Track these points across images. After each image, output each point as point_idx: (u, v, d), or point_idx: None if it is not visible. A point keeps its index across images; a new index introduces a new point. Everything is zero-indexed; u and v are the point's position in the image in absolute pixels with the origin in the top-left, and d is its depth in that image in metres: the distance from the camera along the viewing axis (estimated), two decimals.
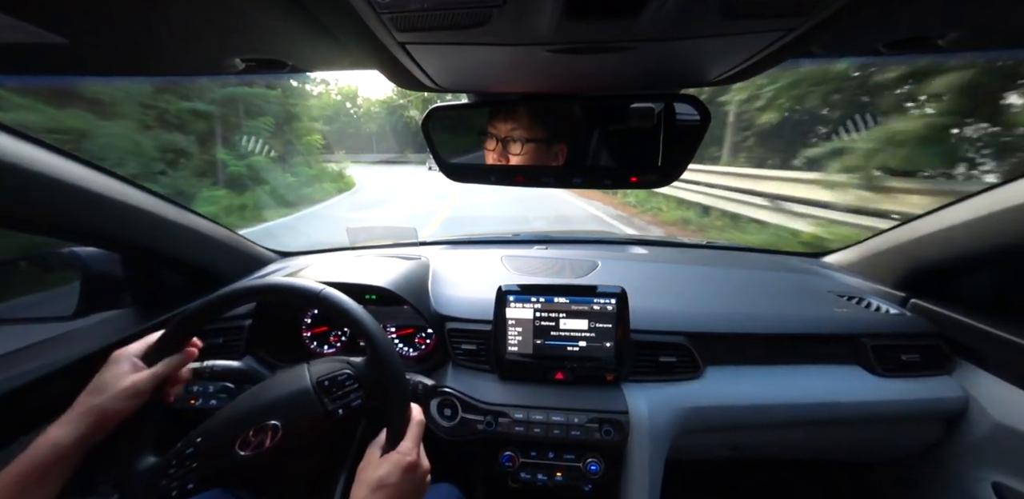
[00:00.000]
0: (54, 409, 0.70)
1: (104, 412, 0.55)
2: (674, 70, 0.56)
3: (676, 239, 1.72)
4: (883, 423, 1.00)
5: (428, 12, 0.36)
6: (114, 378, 0.57)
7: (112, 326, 0.97)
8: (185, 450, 0.61)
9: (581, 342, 0.95)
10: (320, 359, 0.73)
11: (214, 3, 0.38)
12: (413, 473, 0.58)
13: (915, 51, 0.51)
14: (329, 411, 0.65)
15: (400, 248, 1.48)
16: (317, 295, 0.66)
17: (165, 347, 0.63)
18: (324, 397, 0.66)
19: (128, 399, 0.56)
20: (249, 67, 0.57)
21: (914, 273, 1.09)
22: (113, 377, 0.57)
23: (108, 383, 0.56)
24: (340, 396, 0.66)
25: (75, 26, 0.41)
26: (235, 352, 1.05)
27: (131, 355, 0.60)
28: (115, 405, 0.55)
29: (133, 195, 0.85)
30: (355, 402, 0.66)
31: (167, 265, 1.05)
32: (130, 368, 0.58)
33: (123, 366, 0.58)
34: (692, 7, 0.36)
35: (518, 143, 0.67)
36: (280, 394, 0.67)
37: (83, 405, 0.55)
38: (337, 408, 0.65)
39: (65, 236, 0.82)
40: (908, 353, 0.99)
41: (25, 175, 0.66)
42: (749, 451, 1.10)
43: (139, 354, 0.61)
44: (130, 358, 0.59)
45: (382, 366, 0.64)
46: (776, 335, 1.01)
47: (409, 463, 0.58)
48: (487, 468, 0.93)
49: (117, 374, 0.57)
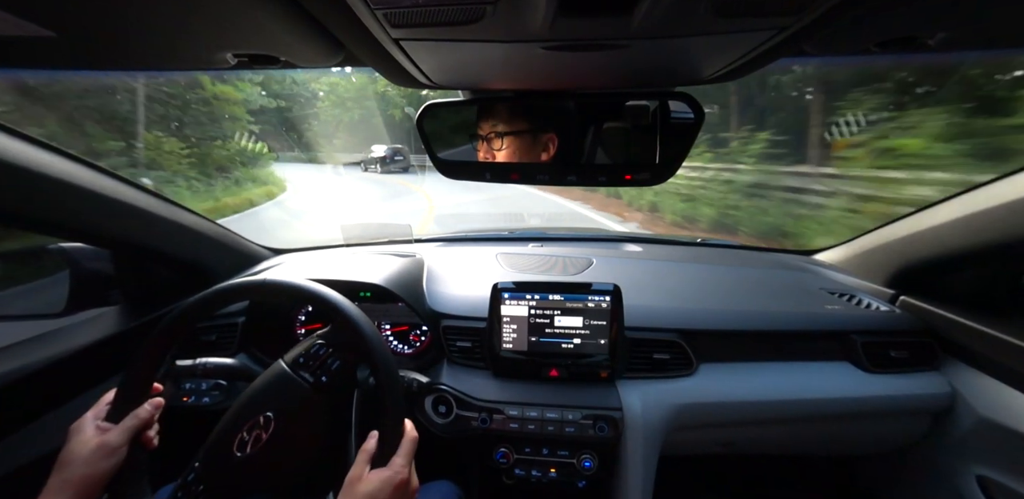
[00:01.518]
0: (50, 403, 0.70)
1: (81, 482, 0.53)
2: (667, 68, 0.56)
3: (670, 237, 1.73)
4: (871, 418, 1.01)
5: (422, 8, 0.36)
6: (81, 446, 0.55)
7: (103, 323, 0.95)
8: (187, 477, 0.61)
9: (575, 339, 0.95)
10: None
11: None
12: (403, 491, 0.57)
13: (906, 50, 0.52)
14: (312, 383, 0.65)
15: (395, 245, 1.47)
16: (311, 293, 0.66)
17: (128, 398, 0.61)
18: (303, 372, 0.66)
19: (103, 460, 0.54)
20: (241, 62, 0.56)
21: (904, 270, 1.10)
22: (79, 445, 0.55)
23: (75, 452, 0.54)
24: (318, 366, 0.66)
25: (62, 18, 0.40)
26: (228, 349, 1.04)
27: (91, 420, 0.58)
28: (90, 470, 0.53)
29: (122, 191, 0.84)
30: (334, 365, 0.66)
31: (158, 262, 1.03)
32: (94, 432, 0.56)
33: (86, 432, 0.56)
34: (684, 5, 0.36)
35: (499, 138, 0.67)
36: (260, 387, 0.67)
37: (54, 485, 0.52)
38: (320, 376, 0.65)
39: (53, 232, 0.81)
40: (897, 350, 1.00)
41: (11, 171, 0.64)
42: (741, 447, 1.11)
43: (100, 416, 0.59)
44: (91, 422, 0.58)
45: (350, 328, 0.63)
46: (768, 332, 1.02)
47: (401, 481, 0.56)
48: (482, 464, 0.93)
49: (81, 441, 0.55)
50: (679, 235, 2.79)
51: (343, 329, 0.65)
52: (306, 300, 0.67)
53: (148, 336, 0.64)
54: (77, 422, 0.58)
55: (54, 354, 0.83)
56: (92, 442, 0.55)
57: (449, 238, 1.60)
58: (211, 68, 0.58)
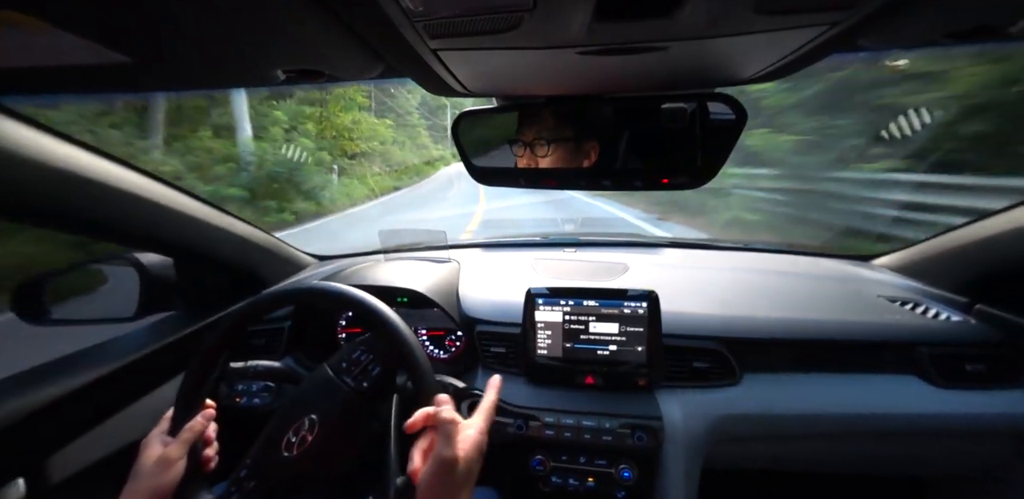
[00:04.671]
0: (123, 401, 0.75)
1: (148, 493, 0.57)
2: (708, 69, 0.54)
3: (709, 241, 1.66)
4: (942, 438, 0.92)
5: (460, 18, 0.37)
6: (146, 460, 0.60)
7: (166, 327, 1.03)
8: (240, 474, 0.64)
9: (611, 346, 0.93)
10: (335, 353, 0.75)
11: (259, 18, 0.40)
12: (480, 453, 0.58)
13: (980, 40, 0.47)
14: (353, 387, 0.66)
15: (431, 251, 1.50)
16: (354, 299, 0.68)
17: (184, 412, 0.65)
18: (345, 377, 0.68)
19: (165, 472, 0.59)
20: (289, 78, 0.59)
21: (982, 277, 1.00)
22: (146, 459, 0.60)
23: (142, 466, 0.59)
24: (359, 371, 0.68)
25: (137, 45, 0.44)
26: (276, 353, 1.09)
27: (156, 436, 0.63)
28: (155, 482, 0.58)
29: (186, 203, 0.90)
30: (375, 371, 0.68)
31: (213, 268, 1.10)
32: (159, 445, 0.61)
33: (152, 447, 0.61)
34: (726, 5, 0.34)
35: (545, 145, 0.67)
36: (305, 390, 0.70)
37: (126, 496, 0.57)
38: (361, 382, 0.67)
39: (127, 242, 0.88)
40: (973, 363, 0.91)
41: (101, 188, 0.72)
42: (790, 463, 1.05)
43: (164, 431, 0.64)
44: (156, 438, 0.63)
45: (389, 333, 0.65)
46: (819, 341, 0.96)
47: (481, 442, 0.58)
48: (518, 471, 0.92)
49: (147, 455, 0.60)
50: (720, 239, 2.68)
51: (382, 335, 0.67)
52: (348, 305, 0.69)
53: (204, 343, 0.68)
54: (145, 438, 0.63)
55: (131, 355, 0.90)
56: (155, 455, 0.60)
57: (484, 243, 1.62)
58: (262, 84, 0.62)
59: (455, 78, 0.56)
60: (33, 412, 0.73)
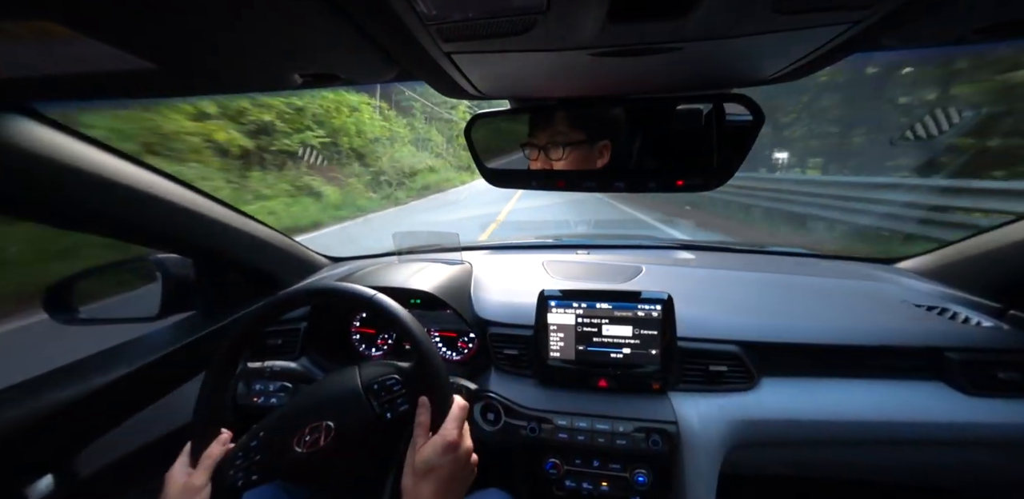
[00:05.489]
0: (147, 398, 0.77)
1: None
2: (724, 70, 0.53)
3: (726, 243, 1.63)
4: (973, 447, 0.89)
5: (473, 21, 0.37)
6: (172, 489, 0.62)
7: (187, 326, 1.05)
8: (250, 443, 0.65)
9: (625, 349, 0.92)
10: (370, 363, 0.75)
11: (278, 25, 0.41)
12: (455, 453, 0.59)
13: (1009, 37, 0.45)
14: (378, 414, 0.67)
15: (444, 253, 1.51)
16: (370, 300, 0.69)
17: (201, 441, 0.67)
18: (373, 400, 0.68)
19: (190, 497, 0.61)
20: (306, 82, 0.60)
21: (1015, 282, 0.97)
22: (171, 488, 0.62)
23: (169, 495, 0.62)
24: (388, 400, 0.68)
25: (162, 53, 0.46)
26: (292, 353, 1.11)
27: (179, 466, 0.65)
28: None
29: (205, 204, 0.93)
30: (402, 407, 0.68)
31: (231, 269, 1.13)
32: (183, 476, 0.64)
33: (176, 477, 0.63)
34: (745, 4, 0.34)
35: (559, 148, 0.67)
36: (333, 395, 0.70)
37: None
38: (385, 412, 0.67)
39: (150, 243, 0.91)
40: (1006, 370, 0.88)
41: (127, 191, 0.74)
42: (812, 470, 1.02)
43: (185, 464, 0.66)
44: (180, 468, 0.65)
45: (427, 373, 0.66)
46: (840, 346, 0.94)
47: (450, 442, 0.59)
48: (532, 474, 0.92)
49: (173, 485, 0.62)
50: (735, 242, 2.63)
51: (421, 373, 0.68)
52: (363, 306, 0.70)
53: (222, 345, 0.69)
54: (170, 470, 0.65)
55: (153, 354, 0.92)
56: (180, 484, 0.62)
57: (496, 246, 1.62)
58: (280, 88, 0.63)
59: (468, 81, 0.56)
60: (62, 409, 0.76)
